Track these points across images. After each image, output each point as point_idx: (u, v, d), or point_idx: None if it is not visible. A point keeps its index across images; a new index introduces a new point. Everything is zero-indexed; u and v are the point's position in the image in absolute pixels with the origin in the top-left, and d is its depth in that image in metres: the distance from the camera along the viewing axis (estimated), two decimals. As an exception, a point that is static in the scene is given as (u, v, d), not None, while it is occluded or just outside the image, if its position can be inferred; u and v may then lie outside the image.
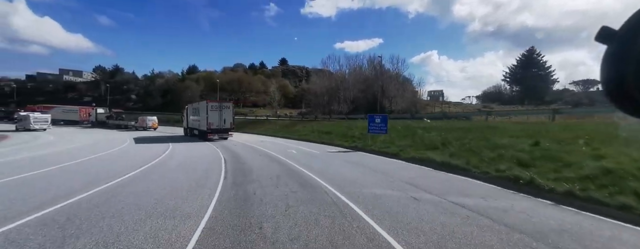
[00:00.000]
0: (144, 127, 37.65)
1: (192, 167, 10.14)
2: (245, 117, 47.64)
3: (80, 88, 78.42)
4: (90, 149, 16.18)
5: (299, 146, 18.44)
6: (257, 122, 39.79)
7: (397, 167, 10.19)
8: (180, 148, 17.35)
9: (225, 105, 21.70)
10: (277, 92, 53.25)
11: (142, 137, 25.57)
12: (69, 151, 14.97)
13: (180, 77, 76.03)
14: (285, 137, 25.31)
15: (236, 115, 51.96)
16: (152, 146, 18.64)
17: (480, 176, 7.91)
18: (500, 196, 6.31)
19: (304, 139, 22.61)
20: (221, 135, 21.51)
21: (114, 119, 42.06)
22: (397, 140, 15.43)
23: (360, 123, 23.35)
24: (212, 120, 20.70)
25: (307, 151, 15.68)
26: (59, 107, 48.42)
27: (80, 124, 44.70)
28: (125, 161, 11.71)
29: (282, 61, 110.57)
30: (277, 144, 19.87)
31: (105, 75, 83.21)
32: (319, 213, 4.98)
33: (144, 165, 10.39)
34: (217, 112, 20.92)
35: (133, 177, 7.93)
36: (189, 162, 11.34)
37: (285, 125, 33.61)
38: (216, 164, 10.68)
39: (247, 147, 17.32)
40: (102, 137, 25.22)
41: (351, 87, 44.10)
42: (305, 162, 11.24)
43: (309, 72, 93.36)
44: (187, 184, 7.14)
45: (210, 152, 15.26)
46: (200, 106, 22.65)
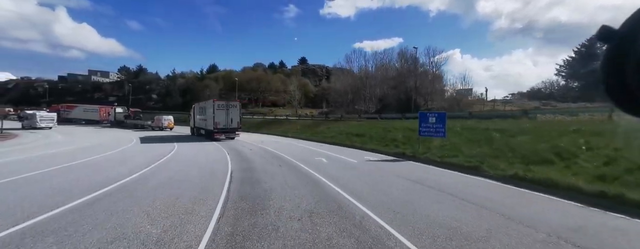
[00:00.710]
0: (160, 127, 35.93)
1: (181, 189, 6.84)
2: (264, 117, 44.99)
3: (106, 88, 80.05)
4: (84, 152, 13.78)
5: (327, 151, 14.89)
6: (277, 122, 36.78)
7: (502, 195, 6.29)
8: (182, 151, 14.37)
9: (232, 104, 20.73)
10: (298, 90, 50.11)
11: (149, 137, 24.26)
12: (55, 155, 12.38)
13: (199, 76, 75.27)
14: (309, 140, 21.89)
15: (255, 115, 49.55)
16: (155, 146, 17.05)
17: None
18: None
19: (331, 142, 19.05)
20: (228, 135, 20.60)
21: (132, 118, 40.86)
22: (462, 146, 11.43)
23: (399, 123, 19.45)
24: (219, 119, 19.83)
25: (340, 158, 12.07)
26: (81, 106, 48.34)
27: (100, 123, 44.06)
28: (103, 172, 8.70)
29: (302, 60, 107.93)
30: (300, 148, 16.43)
31: (130, 75, 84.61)
32: None
33: (121, 180, 7.24)
34: (223, 111, 20.07)
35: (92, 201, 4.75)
36: (181, 178, 8.11)
37: (307, 125, 30.22)
38: (216, 183, 7.32)
39: (264, 153, 14.00)
40: (108, 138, 23.21)
41: (379, 84, 39.99)
42: (344, 180, 7.67)
43: (329, 71, 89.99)
44: (161, 227, 3.83)
45: (214, 159, 12.08)
46: (206, 105, 21.95)
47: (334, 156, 12.69)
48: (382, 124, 22.40)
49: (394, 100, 35.52)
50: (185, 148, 16.32)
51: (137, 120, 39.80)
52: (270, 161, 11.08)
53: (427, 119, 12.12)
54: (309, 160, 11.41)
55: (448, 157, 10.24)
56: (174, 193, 6.15)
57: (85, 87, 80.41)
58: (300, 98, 50.17)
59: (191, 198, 5.71)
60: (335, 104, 54.62)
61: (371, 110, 39.37)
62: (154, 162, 10.59)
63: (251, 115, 48.93)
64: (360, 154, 13.49)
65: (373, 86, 40.75)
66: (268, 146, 17.43)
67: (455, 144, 11.77)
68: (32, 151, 13.56)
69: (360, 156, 13.00)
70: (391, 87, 37.01)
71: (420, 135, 12.30)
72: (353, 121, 28.53)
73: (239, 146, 17.23)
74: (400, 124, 19.37)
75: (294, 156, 12.75)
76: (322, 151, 14.91)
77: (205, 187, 6.70)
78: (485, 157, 9.23)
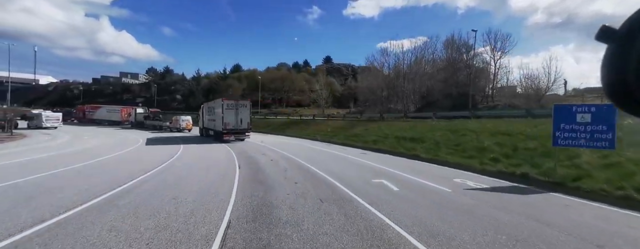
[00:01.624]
0: (178, 128, 33.21)
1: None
2: (288, 117, 41.03)
3: (134, 90, 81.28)
4: (66, 159, 11.34)
5: (381, 164, 10.20)
6: (303, 123, 32.50)
7: None
8: (183, 159, 10.41)
9: (241, 103, 19.71)
10: (325, 89, 45.70)
11: (158, 138, 22.74)
12: (38, 161, 9.08)
13: (222, 76, 73.62)
14: (346, 145, 17.28)
15: (278, 115, 45.91)
16: (154, 151, 14.83)
17: None
18: None
19: (377, 149, 14.34)
20: (238, 136, 19.67)
21: (151, 119, 38.73)
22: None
23: (472, 124, 14.20)
24: (228, 120, 18.82)
25: (418, 183, 7.35)
26: (104, 107, 47.61)
27: (121, 124, 42.64)
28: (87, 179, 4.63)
29: (326, 59, 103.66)
30: (339, 159, 11.89)
31: (157, 76, 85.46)
32: None
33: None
34: (233, 111, 19.07)
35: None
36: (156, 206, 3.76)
37: (340, 126, 25.55)
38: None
39: (290, 167, 9.60)
40: (112, 140, 20.83)
41: (420, 78, 34.37)
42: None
43: (355, 70, 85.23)
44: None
45: (216, 177, 7.80)
46: (215, 105, 21.13)
47: (402, 177, 7.92)
48: (443, 125, 17.12)
49: (441, 96, 29.77)
50: (188, 155, 12.55)
51: (156, 121, 37.61)
52: (301, 189, 6.53)
53: (572, 116, 6.96)
54: (365, 187, 6.80)
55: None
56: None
57: (115, 89, 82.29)
58: (328, 97, 45.67)
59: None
60: (366, 103, 49.70)
61: (410, 108, 33.87)
62: (132, 180, 6.62)
63: (274, 115, 45.26)
64: (440, 173, 8.63)
65: (413, 81, 35.17)
66: (294, 153, 13.11)
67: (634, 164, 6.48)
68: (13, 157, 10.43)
69: (441, 176, 8.14)
70: (439, 80, 31.03)
71: (557, 144, 7.15)
72: (397, 121, 23.40)
73: (255, 153, 13.03)
74: (475, 125, 14.16)
75: (335, 173, 8.21)
76: (375, 164, 10.20)
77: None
78: None
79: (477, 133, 12.76)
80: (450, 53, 32.02)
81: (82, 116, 47.86)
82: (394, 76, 38.05)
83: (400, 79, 36.26)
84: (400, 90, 34.12)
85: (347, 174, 8.25)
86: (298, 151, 14.30)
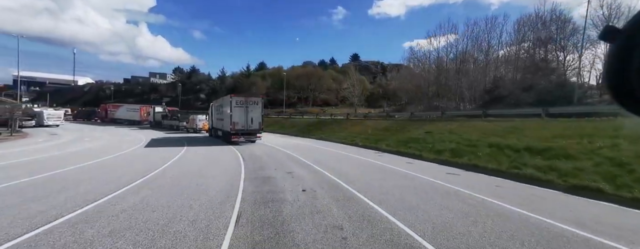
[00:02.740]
0: (194, 128, 29.69)
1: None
2: (317, 117, 36.05)
3: (161, 89, 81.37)
4: (40, 166, 9.23)
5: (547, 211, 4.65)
6: (334, 123, 27.31)
7: None
8: (183, 163, 5.35)
9: (252, 101, 17.85)
10: (357, 85, 40.27)
11: (165, 139, 21.35)
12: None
13: (245, 74, 70.77)
14: (405, 154, 11.86)
15: (305, 114, 41.22)
16: (151, 155, 12.79)
17: None
18: None
19: (472, 167, 8.76)
20: (248, 137, 17.89)
21: (169, 118, 35.72)
22: None
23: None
24: (237, 119, 17.05)
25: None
26: (124, 106, 45.99)
27: (140, 124, 40.30)
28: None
29: (354, 57, 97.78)
30: (448, 197, 6.58)
31: (183, 76, 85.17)
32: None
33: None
34: (242, 109, 17.27)
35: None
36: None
37: (383, 128, 20.05)
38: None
39: (356, 218, 4.26)
40: (112, 141, 18.86)
41: (483, 69, 27.76)
42: None
43: (385, 68, 79.09)
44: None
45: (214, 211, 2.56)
46: (223, 103, 19.42)
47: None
48: (572, 125, 10.90)
49: (516, 88, 22.96)
50: (181, 166, 8.31)
51: (173, 120, 34.50)
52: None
53: None
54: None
55: None
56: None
57: (144, 89, 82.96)
58: (360, 94, 40.16)
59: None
60: (402, 102, 44.00)
61: (466, 106, 27.40)
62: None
63: (301, 115, 40.56)
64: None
65: (467, 74, 28.59)
66: (336, 170, 8.06)
67: None
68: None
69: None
70: (523, 69, 23.67)
71: None
72: (465, 120, 17.35)
73: (274, 168, 8.14)
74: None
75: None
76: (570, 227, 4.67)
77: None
78: None
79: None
80: (529, 34, 24.90)
81: (105, 116, 46.61)
82: (444, 68, 31.58)
83: (451, 72, 29.82)
84: (456, 84, 27.71)
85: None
86: (342, 167, 9.18)
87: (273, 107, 58.99)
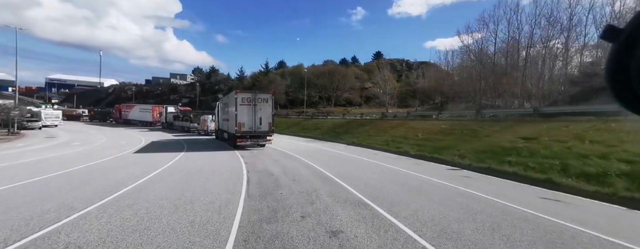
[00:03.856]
0: (206, 131, 26.25)
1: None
2: (344, 117, 31.53)
3: (181, 90, 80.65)
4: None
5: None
6: (366, 125, 22.58)
7: None
8: (165, 181, 0.86)
9: (261, 97, 15.01)
10: (389, 82, 35.35)
11: (163, 143, 18.90)
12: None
13: (264, 71, 67.69)
14: (525, 179, 6.93)
15: (328, 115, 36.81)
16: (143, 160, 9.98)
17: None
18: None
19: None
20: (256, 141, 15.03)
21: (180, 119, 32.67)
22: None
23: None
24: (243, 119, 14.44)
25: None
26: (138, 106, 44.03)
27: (152, 125, 37.73)
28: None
29: (377, 54, 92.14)
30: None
31: (203, 76, 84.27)
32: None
33: None
34: (249, 108, 14.61)
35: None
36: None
37: (439, 131, 15.14)
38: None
39: None
40: (105, 145, 16.81)
41: (558, 57, 21.97)
42: None
43: (411, 65, 73.31)
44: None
45: None
46: (228, 101, 16.83)
47: None
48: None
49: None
50: (165, 180, 6.14)
51: (185, 122, 31.37)
52: None
53: None
54: None
55: None
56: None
57: (164, 90, 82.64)
58: (393, 92, 35.12)
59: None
60: (442, 99, 38.77)
61: (539, 103, 21.63)
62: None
63: (324, 115, 36.16)
64: None
65: (531, 65, 22.82)
66: (430, 226, 3.22)
67: None
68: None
69: None
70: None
71: None
72: (577, 121, 11.97)
73: (305, 229, 3.41)
74: None
75: None
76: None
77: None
78: None
79: None
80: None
81: (119, 116, 44.89)
82: (491, 64, 25.91)
83: (509, 64, 24.15)
84: (522, 78, 22.07)
85: None
86: (429, 211, 4.51)
87: (293, 107, 55.30)
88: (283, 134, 27.30)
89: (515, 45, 24.29)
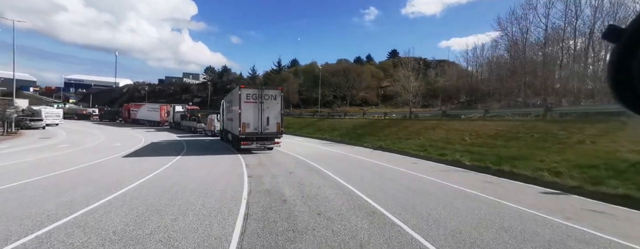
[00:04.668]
0: (213, 131, 24.02)
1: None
2: (364, 117, 28.60)
3: (193, 89, 79.98)
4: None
5: None
6: (393, 126, 19.54)
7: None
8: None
9: (268, 94, 12.94)
10: (413, 79, 32.16)
11: (162, 144, 17.30)
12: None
13: (276, 69, 65.49)
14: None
15: (345, 114, 33.83)
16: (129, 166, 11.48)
17: None
18: None
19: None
20: (262, 143, 12.99)
21: (187, 119, 30.65)
22: None
23: None
24: (248, 119, 12.47)
25: None
26: (146, 105, 42.62)
27: (160, 125, 35.99)
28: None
29: (393, 53, 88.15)
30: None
31: (215, 76, 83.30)
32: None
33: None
34: (255, 106, 12.59)
35: None
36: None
37: (495, 135, 11.90)
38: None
39: None
40: (88, 149, 13.75)
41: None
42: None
43: (429, 64, 69.31)
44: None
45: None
46: (232, 98, 15.08)
47: None
48: None
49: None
50: (143, 196, 5.17)
51: (192, 121, 29.28)
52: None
53: None
54: None
55: None
56: None
57: (176, 89, 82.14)
58: (417, 90, 31.90)
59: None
60: (470, 98, 35.45)
61: (558, 101, 18.21)
62: None
63: (340, 115, 33.26)
64: None
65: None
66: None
67: None
68: None
69: None
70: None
71: None
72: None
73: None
74: None
75: None
76: None
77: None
78: None
79: None
80: None
81: (127, 116, 43.61)
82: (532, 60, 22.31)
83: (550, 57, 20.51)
84: (582, 70, 18.45)
85: None
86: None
87: (306, 106, 52.82)
88: (296, 135, 24.67)
89: (567, 33, 20.58)
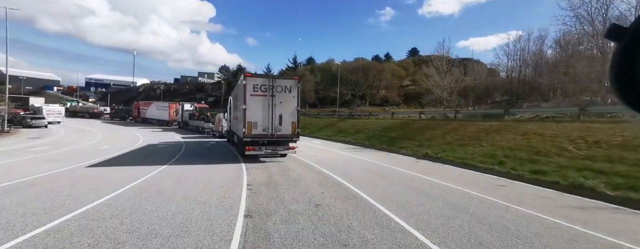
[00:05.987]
0: (220, 132, 21.29)
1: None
2: (394, 117, 25.07)
3: (207, 88, 79.00)
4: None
5: None
6: (436, 128, 15.88)
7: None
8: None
9: (281, 84, 10.04)
10: (447, 76, 28.47)
11: (157, 147, 14.87)
12: None
13: (292, 65, 62.65)
14: None
15: (370, 114, 29.79)
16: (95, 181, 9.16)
17: None
18: None
19: None
20: (274, 149, 10.07)
21: (196, 118, 28.21)
22: None
23: None
24: (254, 117, 9.59)
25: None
26: (155, 103, 40.91)
27: (168, 124, 33.85)
28: None
29: (412, 51, 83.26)
30: None
31: (229, 74, 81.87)
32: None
33: None
34: (264, 99, 9.73)
35: None
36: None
37: (626, 145, 8.00)
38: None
39: None
40: (71, 151, 10.90)
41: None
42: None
43: (452, 62, 64.83)
44: None
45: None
46: (237, 91, 11.94)
47: None
48: None
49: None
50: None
51: (200, 121, 26.79)
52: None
53: None
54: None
55: None
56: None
57: (191, 88, 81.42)
58: (454, 88, 28.11)
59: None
60: (509, 97, 31.67)
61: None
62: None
63: (364, 115, 29.81)
64: None
65: None
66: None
67: None
68: None
69: None
70: None
71: None
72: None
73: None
74: None
75: None
76: None
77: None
78: None
79: None
80: None
81: (137, 114, 42.06)
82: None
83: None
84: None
85: None
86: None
87: (323, 106, 49.73)
88: (314, 137, 21.51)
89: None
